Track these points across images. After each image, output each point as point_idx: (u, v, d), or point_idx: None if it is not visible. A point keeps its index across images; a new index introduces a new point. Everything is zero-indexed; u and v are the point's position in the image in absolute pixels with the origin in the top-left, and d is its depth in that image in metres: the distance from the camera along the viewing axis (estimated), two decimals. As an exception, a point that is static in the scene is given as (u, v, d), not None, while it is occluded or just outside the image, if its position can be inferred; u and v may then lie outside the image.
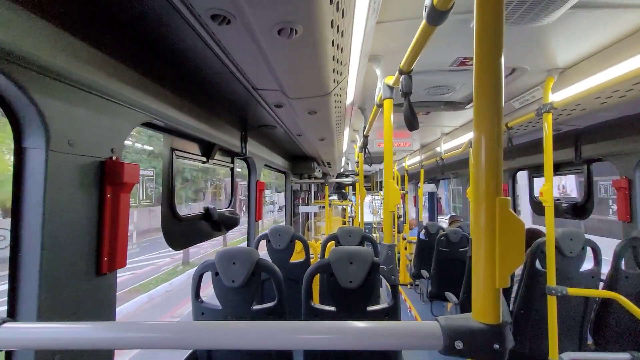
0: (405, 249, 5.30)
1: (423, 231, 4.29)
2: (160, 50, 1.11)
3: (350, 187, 8.05)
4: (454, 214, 5.57)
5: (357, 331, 0.52)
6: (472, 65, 1.86)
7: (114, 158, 0.95)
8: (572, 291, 1.72)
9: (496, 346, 0.49)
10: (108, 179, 0.93)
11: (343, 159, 5.49)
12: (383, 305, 1.42)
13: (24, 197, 0.76)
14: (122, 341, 0.55)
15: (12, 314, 0.75)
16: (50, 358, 0.77)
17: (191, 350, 1.47)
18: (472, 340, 0.49)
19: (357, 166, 3.66)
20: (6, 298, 0.75)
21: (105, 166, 0.93)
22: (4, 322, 0.54)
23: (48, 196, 0.77)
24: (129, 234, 1.05)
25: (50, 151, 0.77)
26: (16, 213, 0.76)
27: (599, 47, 1.51)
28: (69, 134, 0.82)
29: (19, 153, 0.77)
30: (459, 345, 0.49)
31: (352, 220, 7.63)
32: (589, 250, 1.93)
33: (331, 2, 0.78)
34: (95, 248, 0.91)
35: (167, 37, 1.01)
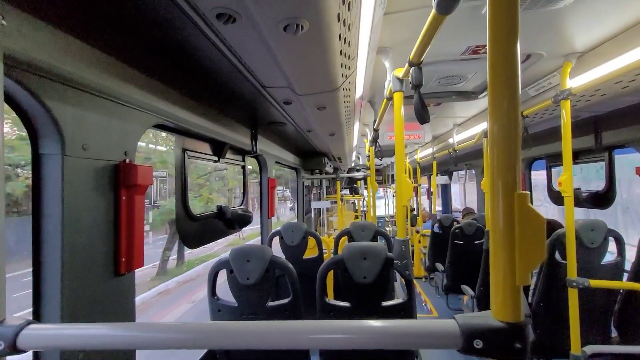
0: (419, 242, 5.25)
1: (437, 224, 4.23)
2: (168, 52, 1.12)
3: (362, 181, 8.01)
4: (468, 206, 5.48)
5: (372, 330, 0.52)
6: (484, 53, 1.80)
7: (127, 161, 0.97)
8: (594, 283, 1.67)
9: (517, 345, 0.47)
10: (122, 181, 0.94)
11: (354, 154, 5.46)
12: (398, 300, 1.41)
13: (43, 202, 0.78)
14: (142, 341, 0.56)
15: (37, 316, 0.78)
16: (75, 357, 0.80)
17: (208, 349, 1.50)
18: (492, 339, 0.48)
19: (368, 160, 3.62)
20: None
21: (119, 169, 0.94)
22: (29, 323, 0.55)
23: (66, 200, 0.79)
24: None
25: (66, 156, 0.79)
26: (36, 217, 0.78)
27: (620, 28, 1.44)
28: (83, 138, 0.83)
29: (37, 159, 0.79)
30: (478, 344, 0.48)
31: (365, 214, 7.59)
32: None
33: None
34: (113, 249, 0.93)
35: (174, 39, 1.02)
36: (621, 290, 1.92)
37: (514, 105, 0.50)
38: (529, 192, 0.47)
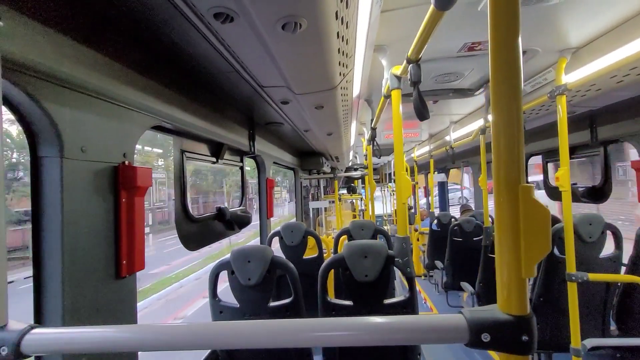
0: (418, 240, 5.26)
1: (435, 222, 4.24)
2: (166, 53, 1.11)
3: (359, 180, 8.02)
4: (465, 203, 5.51)
5: (378, 327, 0.52)
6: (481, 50, 1.80)
7: (126, 162, 0.96)
8: (592, 277, 1.68)
9: (525, 338, 0.47)
10: (122, 183, 0.94)
11: (351, 153, 5.46)
12: (400, 298, 1.41)
13: (42, 204, 0.77)
14: (144, 343, 0.56)
15: (39, 319, 0.77)
16: None
17: (211, 350, 1.49)
18: (500, 332, 0.48)
19: (366, 159, 3.63)
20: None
21: (119, 171, 0.94)
22: (32, 328, 0.55)
23: (66, 203, 0.78)
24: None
25: (65, 158, 0.78)
26: (36, 220, 0.77)
27: (614, 23, 1.45)
28: (82, 140, 0.83)
29: (35, 162, 0.78)
30: (485, 337, 0.48)
31: (363, 213, 7.59)
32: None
33: None
34: (113, 252, 0.92)
35: (172, 40, 1.01)
36: (619, 283, 1.94)
37: (516, 100, 0.50)
38: (533, 185, 0.48)
